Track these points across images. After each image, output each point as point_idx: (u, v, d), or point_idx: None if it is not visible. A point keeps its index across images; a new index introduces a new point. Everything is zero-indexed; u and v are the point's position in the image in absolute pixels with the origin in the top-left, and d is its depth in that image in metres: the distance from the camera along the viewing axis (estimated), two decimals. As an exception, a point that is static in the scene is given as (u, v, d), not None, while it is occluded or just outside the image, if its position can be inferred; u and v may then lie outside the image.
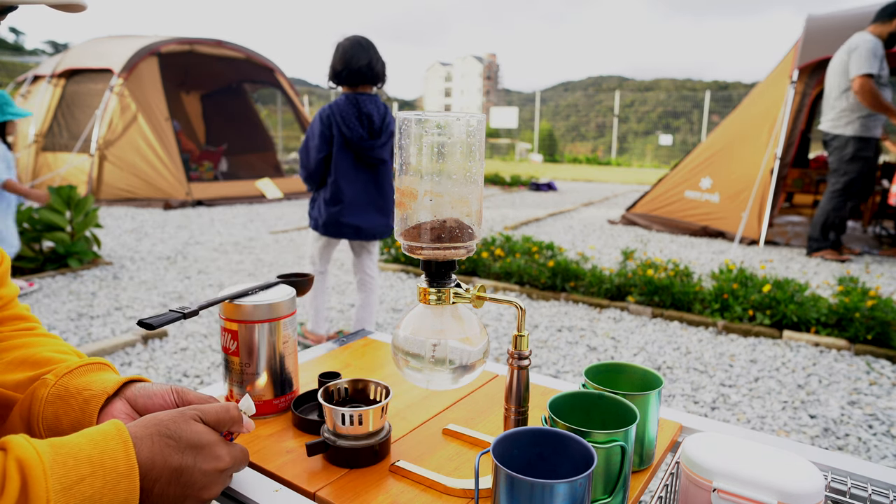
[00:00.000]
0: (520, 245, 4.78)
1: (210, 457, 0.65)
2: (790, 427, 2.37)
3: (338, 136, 2.73)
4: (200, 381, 2.66)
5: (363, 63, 2.65)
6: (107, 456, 0.57)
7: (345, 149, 2.77)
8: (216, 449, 0.66)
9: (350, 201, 2.85)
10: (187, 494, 0.64)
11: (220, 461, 0.66)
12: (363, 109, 2.70)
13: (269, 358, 0.93)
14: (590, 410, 0.82)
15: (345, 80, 2.70)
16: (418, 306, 0.85)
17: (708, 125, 23.02)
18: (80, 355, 0.83)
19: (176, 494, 0.63)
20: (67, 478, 0.53)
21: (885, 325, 3.19)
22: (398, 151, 0.79)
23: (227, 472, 0.68)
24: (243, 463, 0.71)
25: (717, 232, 6.64)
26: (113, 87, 8.33)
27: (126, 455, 0.58)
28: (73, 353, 0.83)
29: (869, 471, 0.84)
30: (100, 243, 4.87)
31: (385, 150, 2.85)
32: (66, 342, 0.88)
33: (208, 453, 0.65)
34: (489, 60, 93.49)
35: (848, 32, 5.60)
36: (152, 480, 0.60)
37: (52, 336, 0.86)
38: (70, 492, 0.53)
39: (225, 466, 0.67)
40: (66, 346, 0.84)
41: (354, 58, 2.65)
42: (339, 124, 2.70)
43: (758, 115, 6.60)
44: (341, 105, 2.71)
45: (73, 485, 0.53)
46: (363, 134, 2.73)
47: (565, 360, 3.03)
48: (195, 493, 0.64)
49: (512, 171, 15.59)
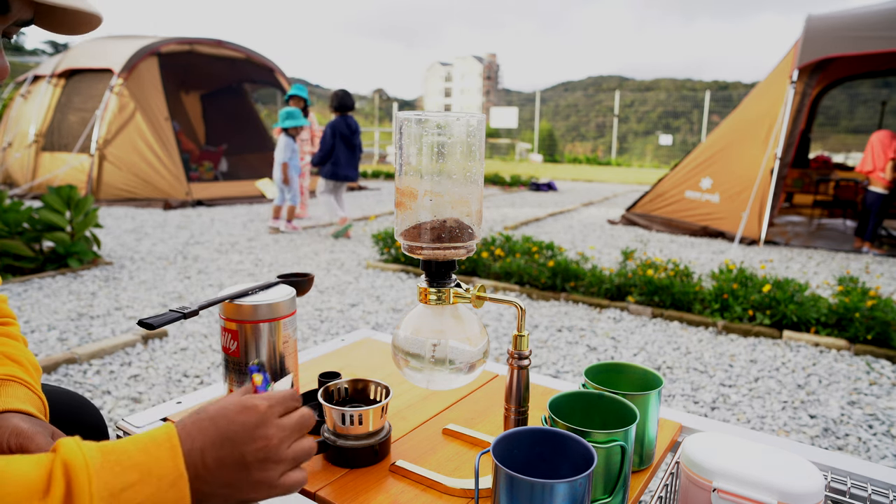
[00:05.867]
0: (520, 245, 4.78)
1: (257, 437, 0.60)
2: (790, 427, 2.37)
3: (339, 134, 6.01)
4: (200, 381, 2.66)
5: (347, 103, 6.12)
6: (155, 463, 0.55)
7: (341, 140, 6.04)
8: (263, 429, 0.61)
9: (342, 164, 6.08)
10: (246, 480, 0.60)
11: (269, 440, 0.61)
12: (348, 122, 6.07)
13: (269, 358, 0.93)
14: (590, 410, 0.82)
15: (339, 109, 6.10)
16: (418, 306, 0.85)
17: (708, 125, 23.01)
18: (21, 363, 0.82)
19: (234, 482, 0.59)
20: (113, 484, 0.52)
21: (885, 325, 3.19)
22: (398, 151, 0.79)
23: (282, 452, 0.62)
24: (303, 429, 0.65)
25: (717, 232, 6.64)
26: (113, 87, 8.33)
27: (174, 463, 0.56)
28: (13, 360, 0.82)
29: (869, 471, 0.84)
30: (100, 243, 4.87)
31: (356, 138, 6.13)
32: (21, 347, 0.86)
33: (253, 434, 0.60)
34: (489, 60, 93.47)
35: (848, 32, 5.60)
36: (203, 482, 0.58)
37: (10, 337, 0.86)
38: (116, 499, 0.52)
39: (276, 443, 0.61)
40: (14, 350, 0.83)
41: (343, 100, 6.10)
42: (340, 129, 6.00)
43: (758, 115, 6.60)
44: (339, 121, 6.04)
45: (120, 492, 0.52)
46: (348, 133, 6.04)
47: (565, 360, 3.03)
48: (256, 476, 0.60)
49: (512, 171, 15.59)
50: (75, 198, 4.62)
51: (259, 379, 0.72)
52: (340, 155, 6.03)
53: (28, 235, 4.43)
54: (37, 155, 8.92)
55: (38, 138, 8.92)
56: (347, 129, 6.00)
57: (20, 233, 4.41)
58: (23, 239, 4.40)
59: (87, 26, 0.70)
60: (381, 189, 11.59)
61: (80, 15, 0.68)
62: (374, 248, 5.54)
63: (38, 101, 9.10)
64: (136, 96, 8.39)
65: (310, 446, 0.65)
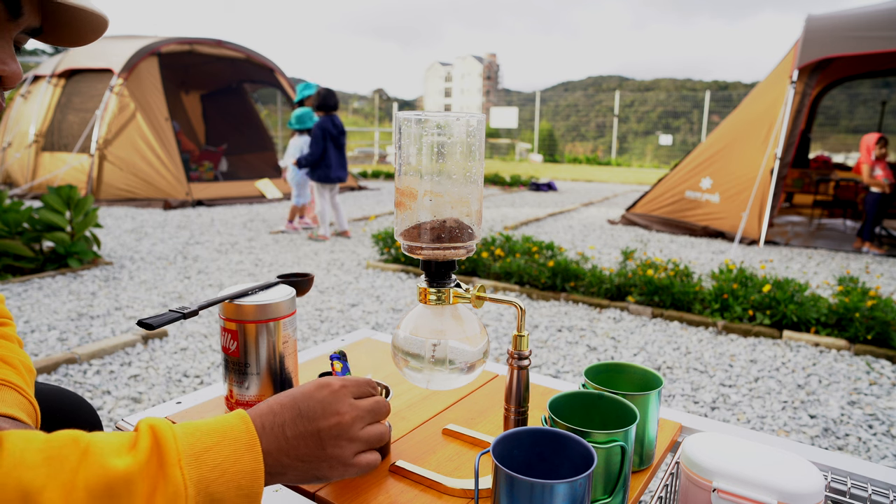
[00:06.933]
0: (520, 245, 4.78)
1: (330, 412, 0.65)
2: (790, 427, 2.37)
3: (328, 135, 5.88)
4: (200, 381, 2.66)
5: (331, 102, 5.93)
6: (230, 427, 0.59)
7: (330, 141, 5.90)
8: (337, 405, 0.65)
9: (334, 165, 5.95)
10: (322, 456, 0.64)
11: (342, 416, 0.65)
12: (334, 121, 5.94)
13: (269, 358, 0.93)
14: (590, 410, 0.82)
15: (323, 109, 5.93)
16: (418, 306, 0.85)
17: (708, 125, 23.00)
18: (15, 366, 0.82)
19: (310, 457, 0.63)
20: (196, 446, 0.56)
21: (885, 325, 3.19)
22: (398, 151, 0.78)
23: (355, 430, 0.66)
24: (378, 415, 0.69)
25: (717, 232, 6.64)
26: (113, 87, 8.33)
27: (246, 427, 0.60)
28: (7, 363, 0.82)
29: (869, 471, 0.84)
30: (100, 243, 4.87)
31: (343, 138, 6.00)
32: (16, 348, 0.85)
33: (327, 409, 0.65)
34: (489, 60, 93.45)
35: (848, 32, 5.60)
36: (283, 453, 0.62)
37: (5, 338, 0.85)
38: (200, 458, 0.56)
39: (349, 420, 0.65)
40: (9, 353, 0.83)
41: (327, 98, 5.91)
42: (328, 129, 5.86)
43: (758, 115, 6.60)
44: (326, 121, 5.89)
45: (202, 453, 0.56)
46: (336, 133, 5.92)
47: (565, 360, 3.03)
48: (330, 452, 0.64)
49: (512, 171, 15.59)
50: (75, 198, 4.62)
51: (339, 366, 0.78)
52: (332, 156, 5.88)
53: (28, 235, 4.43)
54: (37, 155, 8.93)
55: (38, 138, 8.92)
56: (335, 129, 5.86)
57: (20, 233, 4.41)
58: (23, 239, 4.40)
59: (94, 33, 0.71)
60: (380, 189, 11.59)
61: (87, 18, 0.68)
62: (374, 248, 5.54)
63: (39, 101, 9.10)
64: (136, 96, 8.39)
65: (382, 430, 0.69)
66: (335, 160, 5.92)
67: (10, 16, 0.62)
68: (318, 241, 6.07)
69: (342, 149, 6.00)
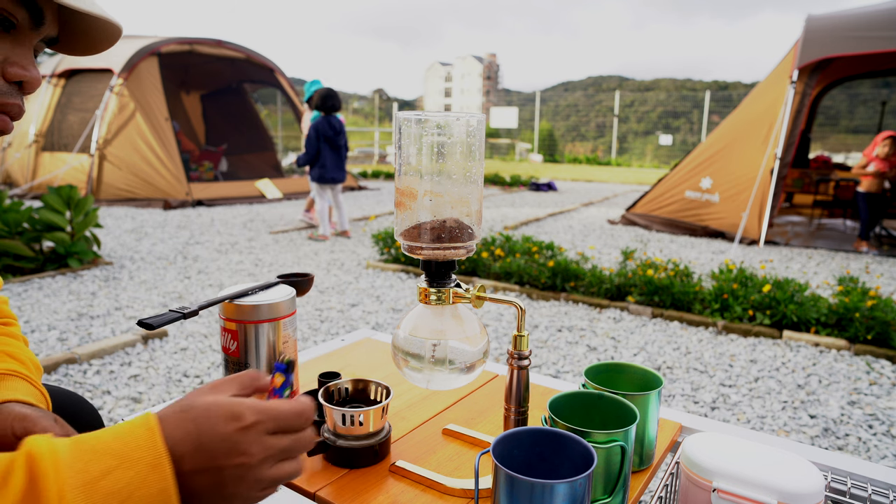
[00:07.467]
0: (520, 245, 4.78)
1: (235, 452, 0.54)
2: (790, 427, 2.37)
3: (322, 136, 5.90)
4: (200, 381, 2.66)
5: (329, 103, 5.89)
6: (133, 447, 0.51)
7: (325, 142, 5.91)
8: (244, 445, 0.55)
9: (329, 166, 5.96)
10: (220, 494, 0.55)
11: (249, 457, 0.54)
12: (331, 122, 5.90)
13: (269, 358, 0.93)
14: (590, 410, 0.82)
15: (322, 109, 5.91)
16: (418, 306, 0.85)
17: (708, 125, 23.01)
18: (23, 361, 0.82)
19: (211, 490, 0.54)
20: (87, 472, 0.49)
21: (885, 325, 3.19)
22: (398, 151, 0.78)
23: (262, 472, 0.56)
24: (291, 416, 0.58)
25: (717, 232, 6.64)
26: (113, 87, 8.33)
27: (152, 444, 0.52)
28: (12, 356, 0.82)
29: (869, 471, 0.84)
30: (100, 243, 4.87)
31: (341, 138, 6.00)
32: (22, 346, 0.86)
33: (232, 449, 0.54)
34: (489, 60, 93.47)
35: (848, 32, 5.60)
36: (190, 465, 0.53)
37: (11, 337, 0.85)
38: (93, 487, 0.48)
39: (256, 462, 0.55)
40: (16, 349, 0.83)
41: (326, 99, 5.87)
42: (323, 130, 5.87)
43: (758, 115, 6.60)
44: (321, 121, 5.89)
45: (97, 480, 0.49)
46: (331, 134, 5.90)
47: (565, 360, 3.03)
48: (231, 490, 0.55)
49: (512, 171, 15.59)
50: (75, 198, 4.62)
51: (280, 380, 0.62)
52: (326, 157, 5.90)
53: (28, 235, 4.43)
54: (37, 155, 8.93)
55: (38, 138, 8.92)
56: (331, 130, 5.86)
57: (20, 233, 4.41)
58: (23, 239, 4.40)
59: (108, 42, 0.72)
60: (381, 189, 11.59)
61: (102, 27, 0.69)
62: (374, 248, 5.54)
63: (39, 101, 9.10)
64: (136, 96, 8.39)
65: (293, 470, 0.59)
66: (330, 161, 5.92)
67: (32, 24, 0.64)
68: (318, 241, 6.07)
69: (339, 150, 5.99)
